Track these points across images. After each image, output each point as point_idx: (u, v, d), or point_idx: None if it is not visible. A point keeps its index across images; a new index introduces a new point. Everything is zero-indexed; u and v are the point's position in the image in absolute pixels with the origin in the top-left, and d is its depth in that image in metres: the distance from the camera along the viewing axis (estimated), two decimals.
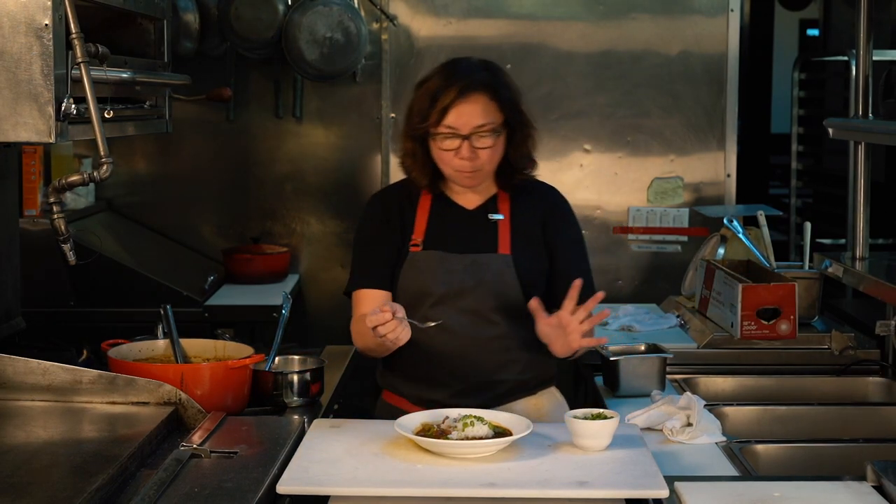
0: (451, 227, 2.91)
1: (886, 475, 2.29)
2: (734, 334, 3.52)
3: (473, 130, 2.79)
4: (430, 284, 2.85)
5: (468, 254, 2.87)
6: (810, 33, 11.24)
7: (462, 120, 2.79)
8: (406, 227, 2.91)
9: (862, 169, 3.67)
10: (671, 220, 5.07)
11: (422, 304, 2.85)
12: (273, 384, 2.97)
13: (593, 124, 5.09)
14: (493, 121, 2.81)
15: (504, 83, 2.87)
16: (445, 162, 2.84)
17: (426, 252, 2.87)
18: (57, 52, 2.43)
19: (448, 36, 5.04)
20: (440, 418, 2.55)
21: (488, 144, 2.81)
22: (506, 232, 2.89)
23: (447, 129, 2.80)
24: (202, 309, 4.42)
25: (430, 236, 2.89)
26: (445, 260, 2.86)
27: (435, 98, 2.80)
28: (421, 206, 2.93)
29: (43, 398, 2.66)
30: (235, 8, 4.73)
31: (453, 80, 2.81)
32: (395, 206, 2.94)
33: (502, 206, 2.93)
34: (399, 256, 2.89)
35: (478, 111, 2.79)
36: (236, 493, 2.19)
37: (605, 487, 2.28)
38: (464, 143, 2.79)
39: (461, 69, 2.85)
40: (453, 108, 2.79)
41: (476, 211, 2.93)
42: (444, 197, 2.94)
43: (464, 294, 2.84)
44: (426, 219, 2.91)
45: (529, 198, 2.95)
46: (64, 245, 2.72)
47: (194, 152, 5.15)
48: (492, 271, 2.84)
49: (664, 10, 5.05)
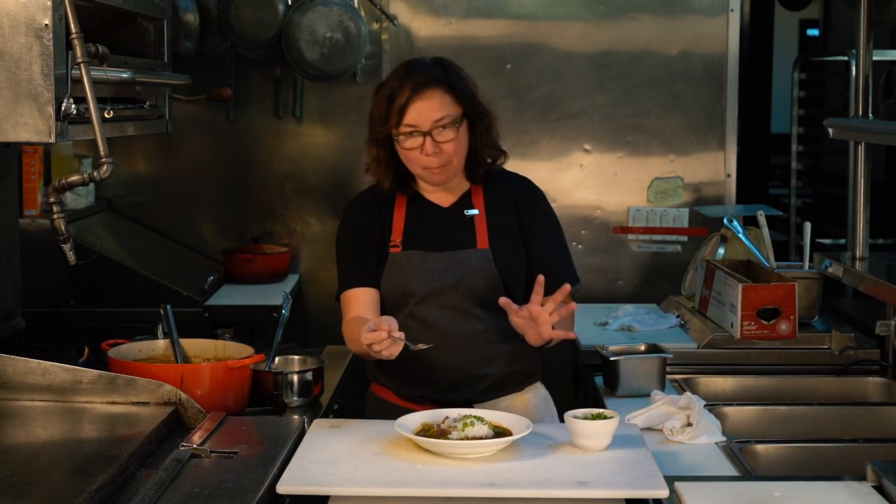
0: (428, 226, 2.94)
1: (886, 475, 2.29)
2: (734, 334, 3.52)
3: (433, 125, 2.82)
4: (411, 284, 2.88)
5: (447, 251, 2.89)
6: (810, 33, 11.24)
7: (421, 116, 2.82)
8: (385, 229, 2.94)
9: (862, 169, 3.67)
10: (671, 220, 5.07)
11: (405, 304, 2.88)
12: (273, 384, 2.97)
13: (593, 124, 5.09)
14: (451, 113, 2.84)
15: (458, 76, 2.90)
16: (412, 161, 2.87)
17: (406, 252, 2.90)
18: (57, 52, 2.43)
19: (448, 36, 5.04)
20: (440, 418, 2.55)
21: (450, 137, 2.83)
22: (482, 226, 2.92)
23: (408, 127, 2.83)
24: (202, 309, 4.42)
25: (409, 236, 2.92)
26: (426, 259, 2.89)
27: (392, 99, 2.84)
28: (397, 207, 2.96)
29: (43, 398, 2.66)
30: (235, 8, 4.73)
31: (407, 79, 2.84)
32: (373, 209, 2.97)
33: (476, 201, 2.96)
34: (381, 258, 2.92)
35: (434, 106, 2.82)
36: (236, 493, 2.19)
37: (605, 487, 2.28)
38: (426, 140, 2.82)
39: (413, 68, 2.88)
40: (410, 105, 2.82)
41: (451, 208, 2.96)
42: (419, 197, 2.97)
43: (445, 291, 2.88)
44: (403, 219, 2.94)
45: (502, 190, 2.98)
46: (64, 245, 2.72)
47: (194, 152, 5.14)
48: (472, 267, 2.88)
49: (664, 10, 5.05)
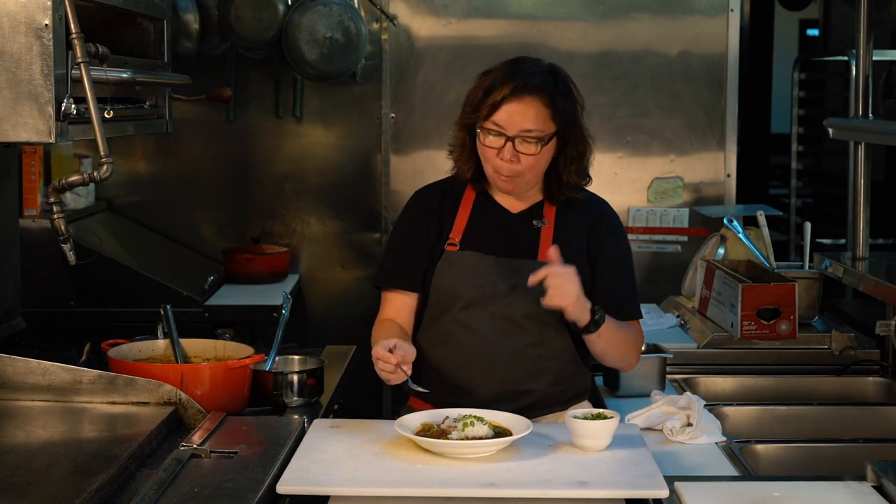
0: (491, 229, 2.80)
1: (886, 475, 2.29)
2: (734, 334, 3.52)
3: (519, 133, 2.67)
4: (461, 286, 2.75)
5: (506, 258, 2.76)
6: (810, 33, 11.24)
7: (511, 120, 2.67)
8: (445, 225, 2.80)
9: (862, 169, 3.67)
10: (671, 220, 5.08)
11: (452, 307, 2.76)
12: (273, 384, 2.97)
13: (593, 124, 4.99)
14: (543, 129, 2.68)
15: (565, 92, 2.74)
16: (487, 159, 2.73)
17: (462, 252, 2.77)
18: (57, 52, 2.43)
19: (448, 36, 5.04)
20: (440, 418, 2.54)
21: (532, 151, 2.68)
22: (548, 239, 2.76)
23: (494, 125, 2.68)
24: (202, 309, 4.42)
25: (469, 236, 2.78)
26: (481, 262, 2.75)
27: (489, 92, 2.69)
28: (464, 204, 2.82)
29: (43, 398, 2.66)
30: (235, 8, 4.73)
31: (511, 77, 2.69)
32: (437, 202, 2.83)
33: (548, 213, 2.81)
34: (434, 255, 2.79)
35: (529, 114, 2.67)
36: (236, 493, 2.19)
37: (605, 487, 2.28)
38: (507, 144, 2.67)
39: (523, 67, 2.72)
40: (504, 105, 2.67)
41: (520, 215, 2.81)
42: (489, 197, 2.83)
43: (496, 299, 2.74)
44: (467, 218, 2.81)
45: (577, 207, 2.82)
46: (64, 245, 2.72)
47: (194, 152, 5.15)
48: (528, 278, 2.66)
49: (664, 10, 5.06)
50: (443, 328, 2.77)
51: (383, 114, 5.08)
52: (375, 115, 5.10)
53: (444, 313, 2.76)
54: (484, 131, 2.70)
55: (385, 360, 2.54)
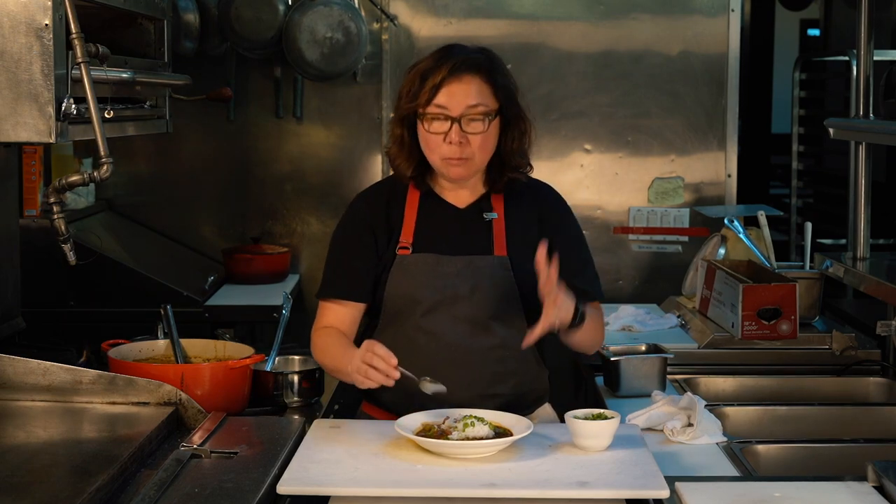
0: (441, 228, 2.72)
1: (887, 475, 2.29)
2: (735, 334, 3.52)
3: (465, 111, 2.61)
4: (421, 290, 2.66)
5: (462, 255, 2.68)
6: (811, 33, 11.23)
7: (454, 99, 2.61)
8: (393, 228, 2.72)
9: (862, 169, 3.67)
10: (672, 220, 5.07)
11: (412, 313, 2.67)
12: (273, 384, 2.97)
13: (593, 124, 5.09)
14: (487, 104, 2.63)
15: (501, 69, 2.69)
16: (433, 148, 2.64)
17: (417, 255, 2.68)
18: (57, 52, 2.44)
19: (448, 36, 5.03)
20: (440, 418, 2.54)
21: (479, 129, 2.62)
22: (501, 232, 2.71)
23: (437, 108, 2.61)
24: (202, 309, 4.41)
25: (420, 237, 2.70)
26: (439, 263, 2.67)
27: (425, 77, 2.63)
28: (409, 204, 2.73)
29: (43, 398, 2.66)
30: (235, 8, 4.73)
31: (447, 58, 2.64)
32: (382, 205, 2.75)
33: (496, 205, 2.74)
34: (384, 260, 2.71)
35: (471, 90, 2.61)
36: (236, 493, 2.19)
37: (606, 488, 2.28)
38: (454, 126, 2.60)
39: (455, 50, 2.68)
40: (444, 86, 2.61)
41: (468, 209, 2.74)
42: (433, 195, 2.75)
43: (458, 300, 2.66)
44: (415, 218, 2.72)
45: (524, 196, 2.77)
46: (64, 245, 2.72)
47: (194, 152, 5.14)
48: (488, 275, 2.66)
49: (664, 10, 5.05)
50: (403, 336, 2.68)
51: (383, 114, 5.08)
52: (375, 115, 5.09)
53: (405, 320, 2.68)
54: (426, 118, 2.63)
55: (387, 360, 2.48)
